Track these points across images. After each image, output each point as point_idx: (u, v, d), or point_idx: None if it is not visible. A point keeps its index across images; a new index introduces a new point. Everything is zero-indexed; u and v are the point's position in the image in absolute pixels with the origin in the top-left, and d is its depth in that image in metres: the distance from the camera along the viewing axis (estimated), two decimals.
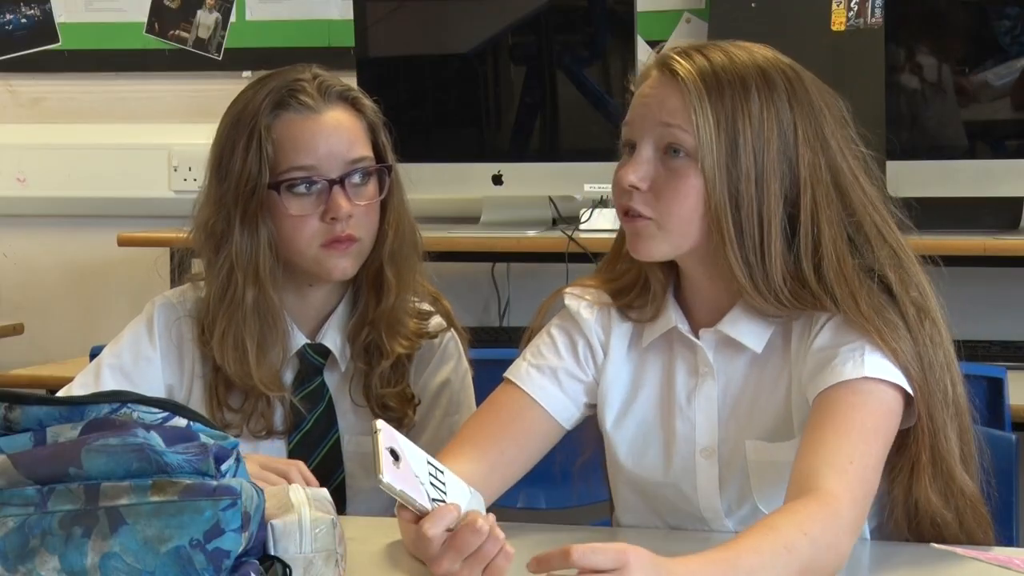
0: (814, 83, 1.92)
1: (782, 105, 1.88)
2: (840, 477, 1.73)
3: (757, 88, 1.87)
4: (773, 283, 1.87)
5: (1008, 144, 3.30)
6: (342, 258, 2.20)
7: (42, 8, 4.15)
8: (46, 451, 1.55)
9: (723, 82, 1.87)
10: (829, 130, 1.90)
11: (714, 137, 1.86)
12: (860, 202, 1.89)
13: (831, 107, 1.92)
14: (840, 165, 1.89)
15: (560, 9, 3.57)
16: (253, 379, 2.20)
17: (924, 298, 1.88)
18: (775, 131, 1.87)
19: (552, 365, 2.02)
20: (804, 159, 1.87)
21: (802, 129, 1.88)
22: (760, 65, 1.89)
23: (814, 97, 1.90)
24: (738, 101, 1.86)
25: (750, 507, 1.94)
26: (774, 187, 1.86)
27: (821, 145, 1.88)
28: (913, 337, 1.84)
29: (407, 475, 1.57)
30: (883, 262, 1.88)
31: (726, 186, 1.86)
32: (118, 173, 4.08)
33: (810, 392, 1.86)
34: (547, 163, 3.55)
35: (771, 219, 1.86)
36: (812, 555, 1.65)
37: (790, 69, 1.91)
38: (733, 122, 1.86)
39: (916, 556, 1.84)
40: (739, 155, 1.86)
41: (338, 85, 2.25)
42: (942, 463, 1.84)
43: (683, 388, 1.98)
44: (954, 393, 1.85)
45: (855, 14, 3.52)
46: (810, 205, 1.86)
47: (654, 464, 2.00)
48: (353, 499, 2.28)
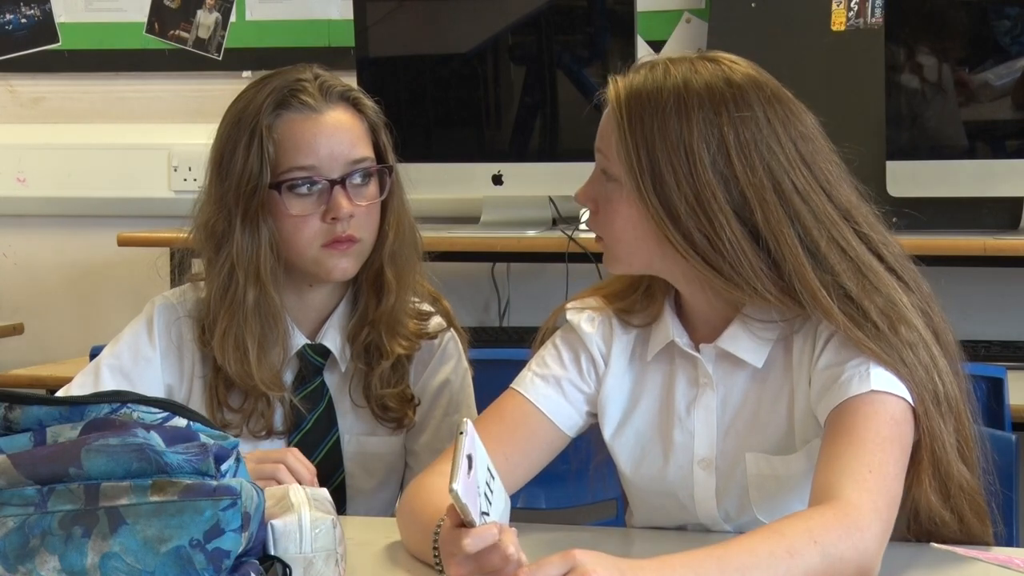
0: (773, 98, 1.88)
1: (707, 123, 1.84)
2: (859, 486, 1.71)
3: (677, 109, 1.85)
4: (752, 283, 1.85)
5: (1008, 144, 3.30)
6: (342, 258, 2.20)
7: (42, 8, 4.14)
8: (46, 451, 1.55)
9: (644, 104, 1.86)
10: (774, 146, 1.86)
11: (635, 162, 1.85)
12: (814, 220, 1.85)
13: (788, 122, 1.88)
14: (783, 183, 1.85)
15: (560, 9, 3.57)
16: (254, 379, 2.20)
17: (891, 305, 1.85)
18: (700, 149, 1.84)
19: (556, 375, 2.03)
20: (743, 178, 1.84)
21: (735, 146, 1.84)
22: (689, 84, 1.86)
23: (758, 113, 1.86)
24: (655, 123, 1.85)
25: (749, 518, 1.94)
26: (716, 204, 1.83)
27: (761, 162, 1.84)
28: (891, 343, 1.83)
29: (472, 485, 1.58)
30: (843, 277, 1.84)
31: (659, 207, 1.85)
32: (118, 173, 4.08)
33: (820, 412, 1.85)
34: (547, 163, 3.55)
35: (723, 234, 1.83)
36: (824, 565, 1.62)
37: (729, 88, 1.86)
38: (652, 145, 1.85)
39: (916, 556, 1.84)
40: (663, 177, 1.84)
41: (339, 85, 2.25)
42: (940, 464, 1.84)
43: (683, 399, 1.98)
44: (945, 390, 1.84)
45: (855, 14, 3.52)
46: (762, 221, 1.84)
47: (652, 474, 2.00)
48: (353, 499, 2.28)
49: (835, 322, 1.83)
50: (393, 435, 2.30)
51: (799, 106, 1.92)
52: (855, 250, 1.87)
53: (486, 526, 1.58)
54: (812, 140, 1.90)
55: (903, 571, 1.78)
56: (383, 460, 2.30)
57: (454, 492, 1.53)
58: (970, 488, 1.88)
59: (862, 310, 1.84)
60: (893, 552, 1.74)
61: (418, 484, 1.93)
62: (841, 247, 1.86)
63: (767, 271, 1.85)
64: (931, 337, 1.86)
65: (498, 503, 1.68)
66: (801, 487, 1.88)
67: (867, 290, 1.85)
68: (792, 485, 1.91)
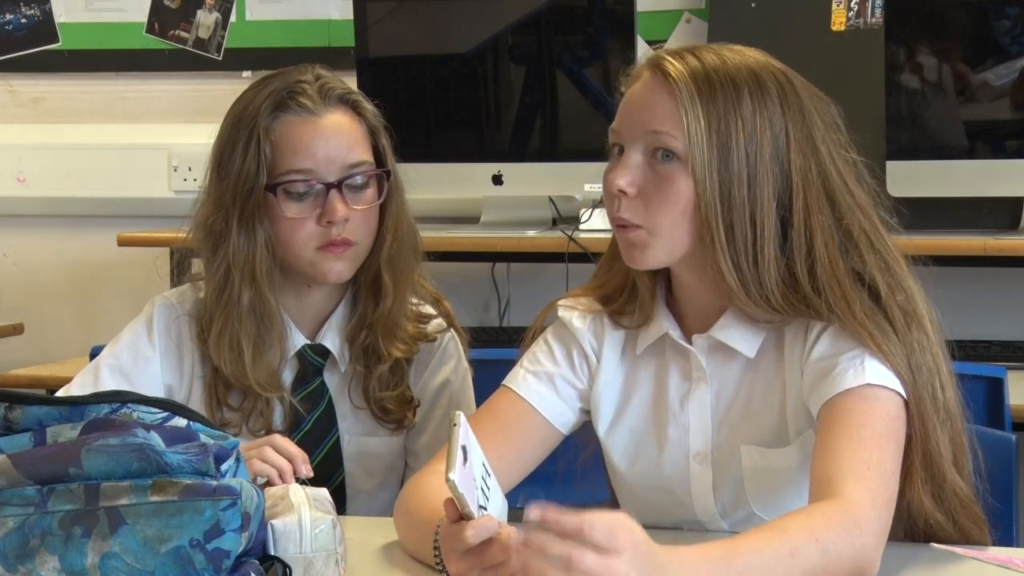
0: (805, 88, 1.91)
1: (774, 109, 1.86)
2: (860, 483, 1.71)
3: (750, 91, 1.86)
4: (765, 287, 1.86)
5: (1008, 144, 3.30)
6: (337, 261, 2.20)
7: (42, 8, 4.15)
8: (46, 451, 1.55)
9: (715, 84, 1.86)
10: (819, 135, 1.88)
11: (705, 140, 1.84)
12: (849, 207, 1.88)
13: (822, 112, 1.91)
14: (829, 170, 1.88)
15: (560, 9, 3.57)
16: (249, 379, 2.20)
17: (911, 303, 1.86)
18: (767, 134, 1.85)
19: (549, 372, 2.02)
20: (795, 163, 1.86)
21: (793, 133, 1.86)
22: (752, 68, 1.88)
23: (805, 102, 1.89)
24: (730, 103, 1.85)
25: (746, 512, 1.94)
26: (767, 191, 1.85)
27: (812, 150, 1.87)
28: (902, 342, 1.83)
29: (469, 476, 1.58)
30: (872, 267, 1.86)
31: (717, 190, 1.84)
32: (118, 173, 4.08)
33: (813, 403, 1.85)
34: (547, 163, 3.55)
35: (764, 223, 1.85)
36: (823, 562, 1.62)
37: (781, 74, 1.90)
38: (725, 125, 1.85)
39: (915, 556, 1.84)
40: (731, 158, 1.84)
41: (340, 88, 2.25)
42: (934, 466, 1.84)
43: (676, 393, 1.98)
44: (944, 397, 1.84)
45: (855, 14, 3.52)
46: (802, 209, 1.85)
47: (647, 469, 2.00)
48: (353, 499, 2.28)
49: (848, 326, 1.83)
50: (393, 435, 2.30)
51: (827, 100, 1.94)
52: (884, 243, 1.89)
53: (486, 517, 1.58)
54: (841, 132, 1.93)
55: (902, 571, 1.78)
56: (383, 460, 2.30)
57: (451, 482, 1.53)
58: (964, 496, 1.87)
59: (884, 308, 1.84)
60: (892, 552, 1.73)
61: (414, 484, 1.93)
62: (870, 239, 1.88)
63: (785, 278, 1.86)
64: (937, 339, 1.86)
65: (495, 500, 1.68)
66: (796, 480, 1.89)
67: (892, 287, 1.86)
68: (787, 478, 1.91)
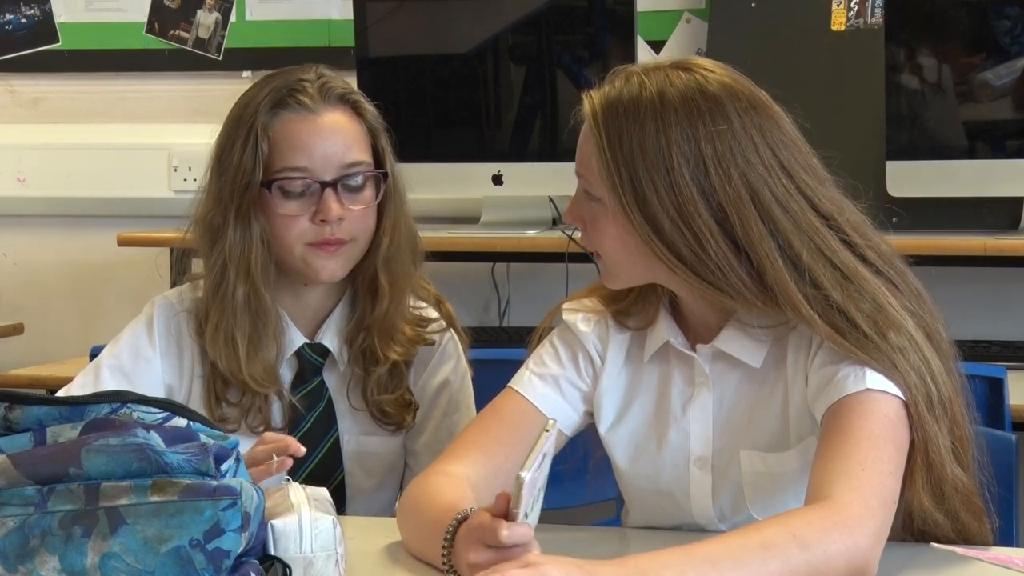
0: (750, 106, 1.86)
1: (684, 137, 1.83)
2: (850, 484, 1.71)
3: (655, 123, 1.83)
4: (744, 297, 1.85)
5: (1008, 144, 3.30)
6: (330, 260, 2.20)
7: (42, 8, 4.14)
8: (46, 451, 1.55)
9: (621, 120, 1.85)
10: (755, 156, 1.84)
11: (617, 182, 1.84)
12: (792, 230, 1.84)
13: (765, 130, 1.86)
14: (763, 193, 1.83)
15: (560, 9, 3.57)
16: (243, 374, 2.20)
17: (879, 310, 1.84)
18: (680, 163, 1.82)
19: (554, 374, 2.03)
20: (720, 190, 1.83)
21: (712, 159, 1.83)
22: (665, 96, 1.85)
23: (736, 123, 1.84)
24: (633, 139, 1.84)
25: (745, 516, 1.94)
26: (701, 217, 1.83)
27: (739, 174, 1.83)
28: (880, 349, 1.82)
29: (533, 482, 1.59)
30: (827, 289, 1.83)
31: (645, 224, 1.84)
32: (118, 173, 4.08)
33: (817, 410, 1.85)
34: (547, 163, 3.55)
35: (708, 248, 1.83)
36: (810, 564, 1.62)
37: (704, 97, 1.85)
38: (631, 163, 1.84)
39: (915, 556, 1.84)
40: (646, 194, 1.83)
41: (341, 87, 2.25)
42: (934, 467, 1.83)
43: (678, 398, 1.98)
44: (938, 392, 1.84)
45: (855, 14, 3.52)
46: (742, 233, 1.83)
47: (647, 472, 2.00)
48: (353, 499, 2.28)
49: (819, 332, 1.83)
50: (393, 435, 2.30)
51: (777, 111, 1.90)
52: (839, 257, 1.86)
53: (526, 526, 1.59)
54: (791, 146, 1.88)
55: (902, 571, 1.78)
56: (382, 460, 2.30)
57: (520, 479, 1.54)
58: (965, 489, 1.87)
59: (848, 318, 1.82)
60: (892, 552, 1.73)
61: (420, 483, 1.92)
62: (825, 256, 1.85)
63: (752, 282, 1.85)
64: (923, 338, 1.85)
65: (534, 518, 1.68)
66: (796, 485, 1.88)
67: (853, 297, 1.83)
68: (787, 483, 1.91)
